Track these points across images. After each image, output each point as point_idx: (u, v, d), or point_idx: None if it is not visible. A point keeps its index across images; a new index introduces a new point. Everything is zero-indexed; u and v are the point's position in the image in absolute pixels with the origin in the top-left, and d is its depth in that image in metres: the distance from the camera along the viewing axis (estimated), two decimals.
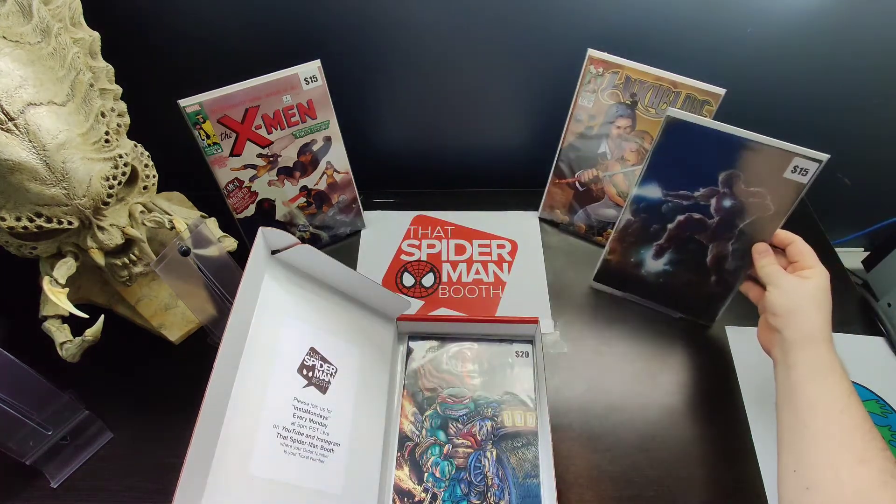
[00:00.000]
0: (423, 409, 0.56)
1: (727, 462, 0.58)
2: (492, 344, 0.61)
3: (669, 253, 0.65)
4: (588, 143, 0.70)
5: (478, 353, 0.60)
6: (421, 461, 0.53)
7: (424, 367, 0.59)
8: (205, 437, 0.41)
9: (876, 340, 0.67)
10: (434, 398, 0.57)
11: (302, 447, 0.48)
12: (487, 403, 0.56)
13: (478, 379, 0.58)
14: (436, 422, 0.55)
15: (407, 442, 0.55)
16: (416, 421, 0.56)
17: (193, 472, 0.40)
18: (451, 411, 0.56)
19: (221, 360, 0.43)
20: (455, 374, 0.59)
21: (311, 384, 0.51)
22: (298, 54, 0.60)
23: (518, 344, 0.60)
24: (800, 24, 0.68)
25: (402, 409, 0.56)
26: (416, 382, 0.58)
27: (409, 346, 0.61)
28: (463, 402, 0.56)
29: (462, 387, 0.57)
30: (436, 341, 0.61)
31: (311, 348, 0.52)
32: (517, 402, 0.56)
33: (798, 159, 0.52)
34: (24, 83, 0.46)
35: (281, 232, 0.50)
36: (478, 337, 0.61)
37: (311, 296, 0.55)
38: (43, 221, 0.49)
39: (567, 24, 0.68)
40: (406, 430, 0.55)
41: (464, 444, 0.54)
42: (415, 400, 0.57)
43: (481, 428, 0.55)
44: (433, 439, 0.55)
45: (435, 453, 0.54)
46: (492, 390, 0.57)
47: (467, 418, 0.55)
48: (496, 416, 0.55)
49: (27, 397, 0.52)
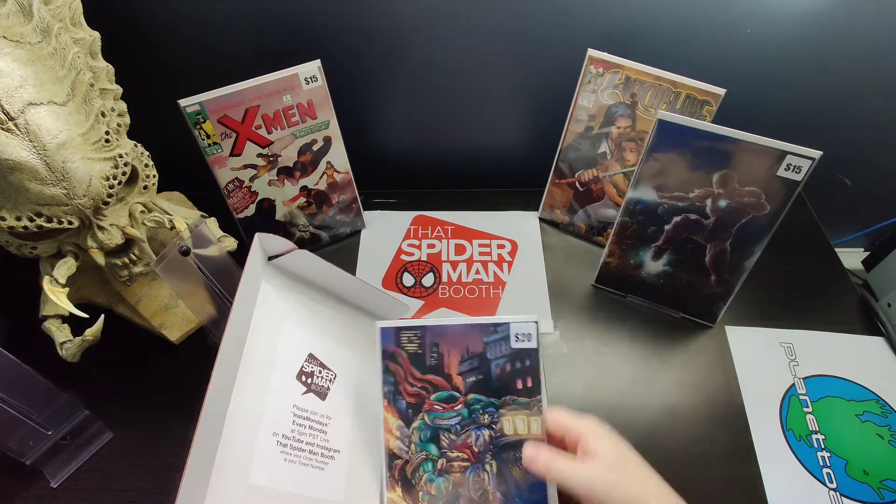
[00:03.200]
0: (410, 420, 0.49)
1: (727, 462, 0.58)
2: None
3: (668, 254, 0.65)
4: (588, 143, 0.70)
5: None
6: (413, 480, 0.48)
7: (404, 368, 0.50)
8: (204, 446, 0.41)
9: (876, 340, 0.67)
10: (420, 405, 0.49)
11: (302, 454, 0.48)
12: (483, 409, 0.49)
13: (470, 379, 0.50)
14: (425, 434, 0.49)
15: (395, 460, 0.48)
16: (403, 435, 0.49)
17: (193, 481, 0.39)
18: (441, 420, 0.49)
19: (220, 368, 0.43)
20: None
21: (310, 391, 0.51)
22: (298, 54, 0.60)
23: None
24: (800, 24, 0.68)
25: (385, 422, 0.49)
26: (396, 389, 0.49)
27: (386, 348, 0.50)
28: (454, 408, 0.49)
29: (451, 390, 0.49)
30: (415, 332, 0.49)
31: (309, 354, 0.52)
32: (518, 406, 0.48)
33: (791, 157, 0.52)
34: (24, 83, 0.46)
35: (278, 237, 0.50)
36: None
37: (309, 301, 0.55)
38: (43, 221, 0.49)
39: (567, 24, 0.68)
40: (392, 446, 0.49)
41: (459, 457, 0.48)
42: (398, 410, 0.49)
43: (478, 438, 0.48)
44: (424, 454, 0.48)
45: (428, 469, 0.48)
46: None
47: (461, 427, 0.48)
48: (494, 424, 0.48)
49: (27, 397, 0.52)
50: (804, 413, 0.61)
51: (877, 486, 0.56)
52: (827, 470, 0.57)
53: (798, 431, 0.60)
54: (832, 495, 0.56)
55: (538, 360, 0.47)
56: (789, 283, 0.73)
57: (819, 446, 0.59)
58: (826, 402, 0.62)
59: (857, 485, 0.56)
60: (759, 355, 0.66)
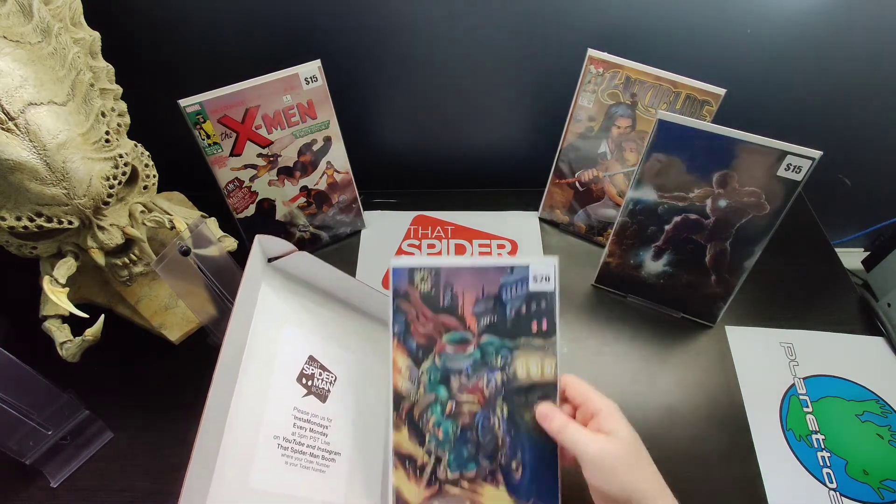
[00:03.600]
0: (420, 362, 0.47)
1: (727, 462, 0.58)
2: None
3: (668, 254, 0.65)
4: (588, 143, 0.70)
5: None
6: (421, 422, 0.46)
7: (416, 307, 0.47)
8: (205, 450, 0.41)
9: (876, 340, 0.67)
10: (431, 347, 0.47)
11: (303, 457, 0.48)
12: (496, 351, 0.47)
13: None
14: (435, 376, 0.47)
15: (403, 401, 0.46)
16: (412, 376, 0.46)
17: (194, 486, 0.39)
18: (452, 362, 0.47)
19: (220, 371, 0.43)
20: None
21: (310, 393, 0.51)
22: (298, 54, 0.60)
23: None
24: (800, 24, 0.68)
25: (394, 362, 0.46)
26: (407, 328, 0.47)
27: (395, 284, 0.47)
28: (466, 350, 0.47)
29: (464, 332, 0.47)
30: (429, 272, 0.47)
31: (309, 356, 0.52)
32: (532, 349, 0.46)
33: (791, 157, 0.53)
34: (24, 83, 0.46)
35: (277, 239, 0.50)
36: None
37: (309, 303, 0.55)
38: (43, 221, 0.49)
39: (567, 24, 0.68)
40: (400, 387, 0.46)
41: (469, 400, 0.46)
42: (408, 350, 0.47)
43: (490, 381, 0.46)
44: (433, 397, 0.46)
45: (436, 412, 0.46)
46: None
47: (472, 370, 0.47)
48: (507, 367, 0.46)
49: (27, 397, 0.52)
50: (804, 413, 0.61)
51: (877, 486, 0.56)
52: (827, 470, 0.57)
53: (798, 431, 0.60)
54: (832, 495, 0.56)
55: (555, 301, 0.46)
56: (789, 283, 0.73)
57: (819, 446, 0.59)
58: (826, 402, 0.62)
59: (856, 485, 0.56)
60: (759, 355, 0.66)
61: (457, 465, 0.46)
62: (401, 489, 0.45)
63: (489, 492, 0.45)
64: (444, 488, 0.45)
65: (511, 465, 0.46)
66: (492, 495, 0.45)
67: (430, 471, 0.45)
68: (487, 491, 0.45)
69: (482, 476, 0.45)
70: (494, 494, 0.45)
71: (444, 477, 0.45)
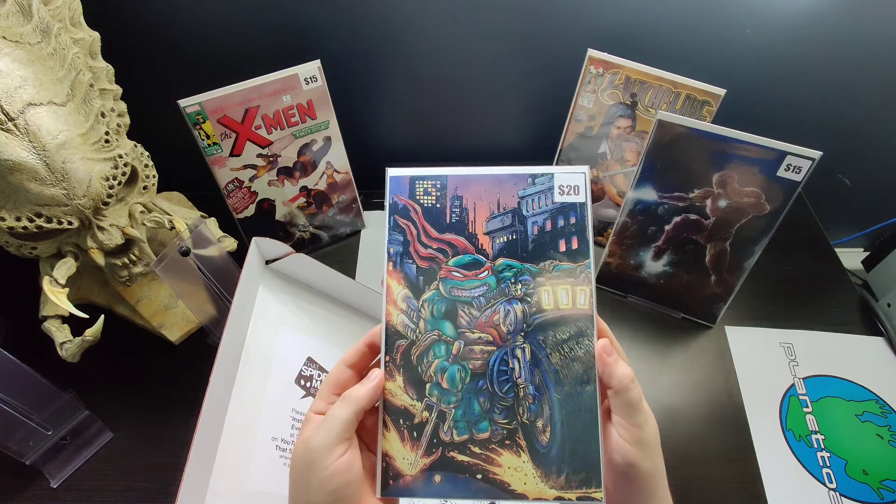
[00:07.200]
0: (420, 291, 0.37)
1: (727, 462, 0.58)
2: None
3: (668, 254, 0.65)
4: (588, 143, 0.70)
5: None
6: (420, 367, 0.36)
7: (417, 225, 0.38)
8: (202, 453, 0.41)
9: (876, 340, 0.67)
10: (434, 272, 0.38)
11: None
12: (515, 277, 0.37)
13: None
14: (439, 308, 0.37)
15: (398, 340, 0.36)
16: (410, 308, 0.37)
17: (191, 488, 0.39)
18: (460, 291, 0.37)
19: (217, 373, 0.42)
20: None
21: (309, 394, 0.51)
22: (298, 54, 0.60)
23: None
24: (800, 24, 0.68)
25: (389, 290, 0.37)
26: (405, 250, 0.38)
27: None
28: (478, 276, 0.38)
29: (475, 254, 0.38)
30: (434, 182, 0.39)
31: (308, 358, 0.52)
32: (560, 273, 0.37)
33: (791, 157, 0.52)
34: (24, 83, 0.46)
35: (275, 241, 0.49)
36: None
37: (307, 305, 0.55)
38: (43, 221, 0.49)
39: (567, 24, 0.68)
40: (395, 322, 0.36)
41: (482, 339, 0.37)
42: (406, 277, 0.37)
43: (507, 314, 0.37)
44: (436, 334, 0.37)
45: (440, 354, 0.36)
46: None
47: (485, 301, 0.37)
48: (529, 296, 0.37)
49: (27, 397, 0.52)
50: (804, 413, 0.61)
51: (876, 486, 0.56)
52: (826, 470, 0.57)
53: (798, 431, 0.60)
54: (832, 495, 0.56)
55: (587, 215, 0.37)
56: (789, 283, 0.73)
57: (819, 446, 0.59)
58: (826, 402, 0.62)
59: (856, 485, 0.56)
60: (759, 355, 0.66)
61: (465, 425, 0.35)
62: (391, 455, 0.35)
63: (507, 460, 0.35)
64: (447, 455, 0.35)
65: (536, 425, 0.35)
66: (511, 465, 0.34)
67: (431, 431, 0.35)
68: (505, 459, 0.35)
69: (497, 439, 0.35)
70: (514, 464, 0.34)
71: (449, 439, 0.35)
